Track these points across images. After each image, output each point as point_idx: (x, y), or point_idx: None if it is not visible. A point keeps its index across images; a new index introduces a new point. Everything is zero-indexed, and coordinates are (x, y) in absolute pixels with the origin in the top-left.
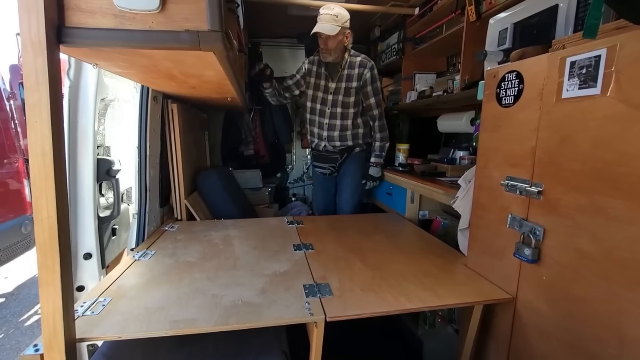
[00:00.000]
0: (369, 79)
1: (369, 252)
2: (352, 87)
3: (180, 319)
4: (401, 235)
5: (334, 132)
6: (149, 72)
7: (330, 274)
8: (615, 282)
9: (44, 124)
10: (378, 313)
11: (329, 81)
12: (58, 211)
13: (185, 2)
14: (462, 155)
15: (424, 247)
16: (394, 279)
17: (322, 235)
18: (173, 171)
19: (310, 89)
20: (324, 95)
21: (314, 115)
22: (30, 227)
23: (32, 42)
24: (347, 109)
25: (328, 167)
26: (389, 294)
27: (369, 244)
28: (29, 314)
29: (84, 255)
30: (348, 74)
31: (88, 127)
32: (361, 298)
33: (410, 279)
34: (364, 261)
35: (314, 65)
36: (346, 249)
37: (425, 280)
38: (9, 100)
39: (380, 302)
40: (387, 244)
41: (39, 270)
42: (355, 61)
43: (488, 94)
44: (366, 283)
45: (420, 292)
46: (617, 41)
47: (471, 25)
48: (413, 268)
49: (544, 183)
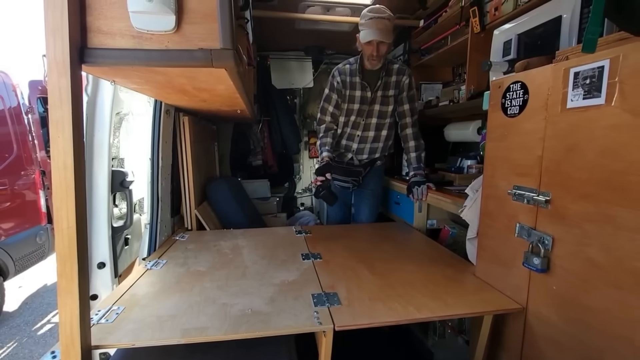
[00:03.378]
0: (407, 85)
1: (377, 261)
2: (390, 95)
3: (191, 327)
4: (409, 244)
5: (366, 144)
6: (164, 87)
7: (338, 283)
8: (628, 292)
9: (66, 140)
10: (387, 323)
11: (366, 91)
12: (77, 222)
13: (199, 22)
14: (470, 164)
15: (432, 256)
16: (403, 288)
17: (330, 245)
18: (184, 182)
19: (345, 102)
20: (361, 107)
21: (345, 127)
22: (44, 237)
23: (56, 62)
24: (383, 120)
25: (351, 181)
26: (398, 303)
27: (377, 253)
28: (42, 322)
29: (97, 264)
30: (386, 82)
31: (104, 141)
32: (370, 307)
33: (419, 288)
34: (372, 270)
35: (347, 75)
36: (354, 258)
37: (435, 289)
38: (27, 114)
39: (389, 311)
40: (395, 252)
41: (58, 278)
42: (393, 68)
43: (493, 104)
44: (374, 292)
45: (430, 302)
46: (619, 52)
47: (476, 36)
48: (422, 277)
49: (552, 192)
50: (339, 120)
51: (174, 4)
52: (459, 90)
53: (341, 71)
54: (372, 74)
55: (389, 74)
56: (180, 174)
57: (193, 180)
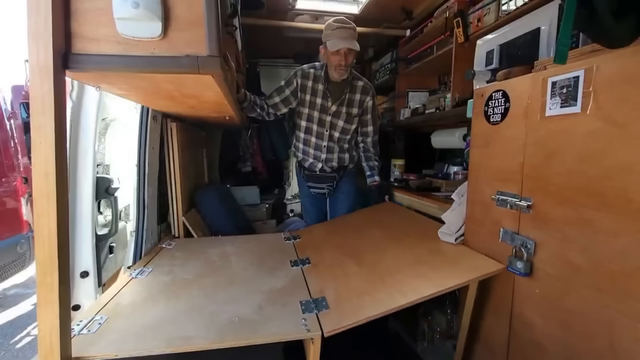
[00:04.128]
0: (370, 107)
1: (365, 252)
2: (353, 113)
3: (177, 337)
4: (395, 224)
5: (333, 154)
6: (150, 93)
7: (326, 285)
8: (606, 293)
9: (48, 146)
10: (373, 316)
11: (327, 101)
12: (59, 230)
13: (186, 29)
14: (456, 171)
15: (417, 232)
16: (389, 274)
17: (319, 245)
18: (171, 188)
19: (305, 107)
20: (322, 116)
21: (309, 135)
22: (25, 246)
23: (39, 67)
24: (346, 135)
25: (326, 187)
26: (384, 293)
27: (364, 241)
28: (21, 335)
29: (80, 273)
30: (350, 99)
31: (88, 147)
32: (357, 304)
33: (406, 270)
34: (360, 262)
35: (309, 80)
36: (342, 253)
37: (420, 268)
38: (10, 119)
39: (375, 304)
40: (381, 237)
41: (38, 288)
42: (357, 85)
43: (477, 112)
44: (362, 287)
45: (414, 282)
46: (593, 63)
47: (460, 46)
48: (408, 258)
49: (533, 197)
50: (300, 124)
51: (161, 10)
52: (444, 98)
53: (304, 74)
54: (336, 85)
55: (353, 91)
56: (168, 180)
57: (181, 187)
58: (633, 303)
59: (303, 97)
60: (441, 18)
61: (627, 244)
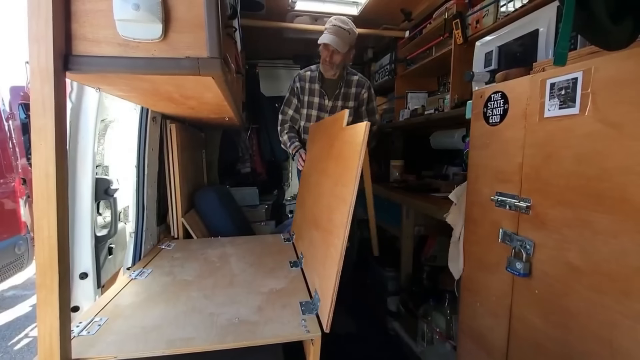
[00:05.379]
0: (366, 98)
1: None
2: (350, 106)
3: (177, 338)
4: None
5: None
6: (150, 95)
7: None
8: (605, 294)
9: (48, 148)
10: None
11: (324, 98)
12: (59, 231)
13: (186, 31)
14: (455, 171)
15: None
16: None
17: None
18: (170, 189)
19: (304, 107)
20: (320, 114)
21: (307, 134)
22: (23, 248)
23: (40, 69)
24: None
25: None
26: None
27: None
28: (19, 337)
29: (80, 274)
30: (345, 93)
31: (88, 148)
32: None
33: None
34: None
35: (306, 82)
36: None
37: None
38: (8, 120)
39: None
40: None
41: (37, 289)
42: (352, 80)
43: (476, 113)
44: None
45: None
46: (592, 64)
47: (459, 47)
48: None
49: (532, 198)
50: (300, 125)
51: (161, 12)
52: (443, 99)
53: (301, 77)
54: (331, 82)
55: (348, 85)
56: (167, 181)
57: (180, 188)
58: (632, 303)
59: (302, 98)
60: (440, 19)
61: (626, 244)
